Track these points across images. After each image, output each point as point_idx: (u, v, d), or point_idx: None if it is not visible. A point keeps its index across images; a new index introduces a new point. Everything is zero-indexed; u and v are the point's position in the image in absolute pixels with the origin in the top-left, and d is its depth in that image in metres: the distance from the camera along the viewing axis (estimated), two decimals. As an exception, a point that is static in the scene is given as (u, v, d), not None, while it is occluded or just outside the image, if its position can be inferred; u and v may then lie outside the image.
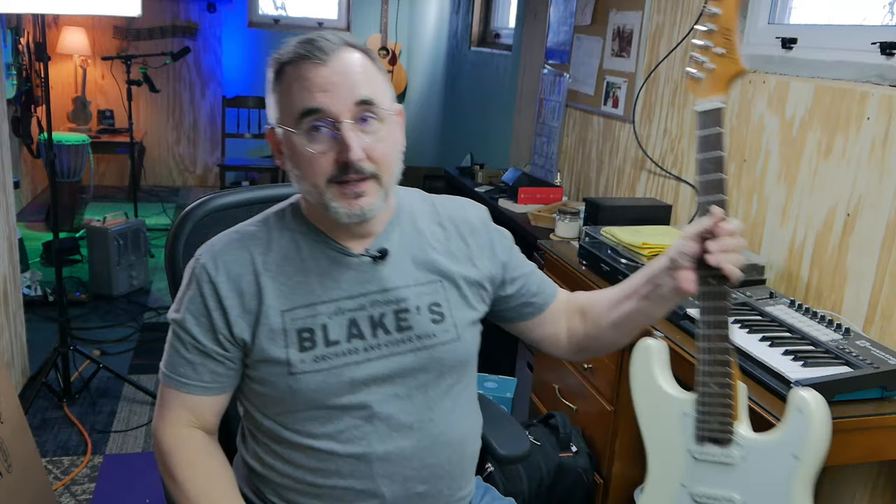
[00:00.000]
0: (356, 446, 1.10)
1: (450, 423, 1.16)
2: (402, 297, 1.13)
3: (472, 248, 1.21)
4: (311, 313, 1.10)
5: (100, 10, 2.51)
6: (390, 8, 6.42)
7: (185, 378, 1.11)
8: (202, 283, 1.10)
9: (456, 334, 1.15)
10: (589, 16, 3.10)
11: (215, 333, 1.10)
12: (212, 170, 6.42)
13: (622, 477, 1.93)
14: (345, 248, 1.13)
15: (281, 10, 6.56)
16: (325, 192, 1.06)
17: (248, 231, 1.15)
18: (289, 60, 1.06)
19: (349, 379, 1.09)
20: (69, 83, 5.87)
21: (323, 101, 1.03)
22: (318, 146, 1.04)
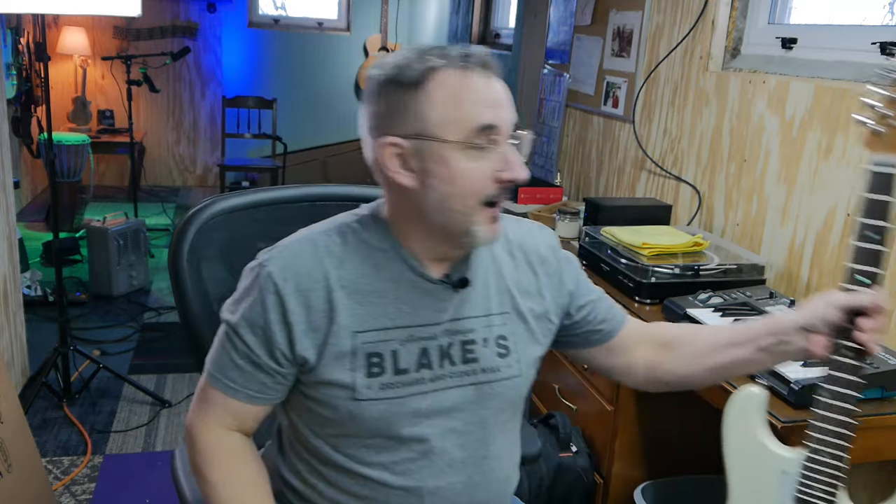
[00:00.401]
0: (409, 479, 1.06)
1: (501, 461, 1.13)
2: (470, 328, 1.08)
3: (541, 278, 1.15)
4: (382, 338, 1.04)
5: (100, 10, 2.51)
6: (390, 8, 6.42)
7: (233, 382, 1.06)
8: (266, 293, 1.02)
9: (519, 370, 1.11)
10: (589, 16, 3.10)
11: (272, 348, 1.03)
12: (212, 170, 6.42)
13: (622, 477, 1.93)
14: (426, 271, 1.06)
15: (281, 10, 6.56)
16: (473, 213, 0.99)
17: (322, 241, 1.06)
18: (436, 66, 0.98)
19: (413, 409, 1.04)
20: (69, 83, 5.87)
21: (498, 116, 0.98)
22: (482, 163, 0.98)
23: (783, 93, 1.97)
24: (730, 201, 2.18)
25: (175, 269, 1.30)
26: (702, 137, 2.33)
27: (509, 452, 1.16)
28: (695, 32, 2.36)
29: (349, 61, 6.57)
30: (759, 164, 2.06)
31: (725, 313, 1.64)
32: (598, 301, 1.21)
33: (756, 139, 2.08)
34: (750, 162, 2.10)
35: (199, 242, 1.30)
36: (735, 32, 2.27)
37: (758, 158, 2.07)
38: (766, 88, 2.04)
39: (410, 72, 0.99)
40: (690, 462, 1.96)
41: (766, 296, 1.75)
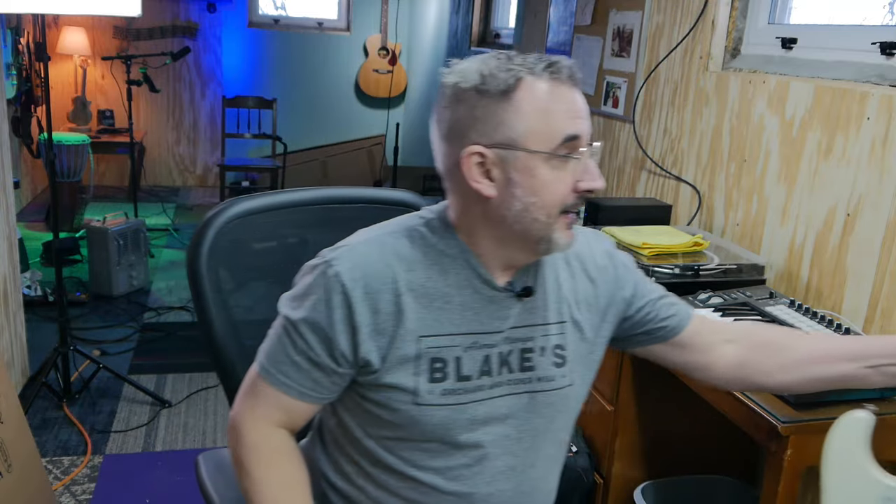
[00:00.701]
0: (461, 485, 1.06)
1: (548, 471, 1.14)
2: (529, 337, 1.08)
3: (599, 287, 1.15)
4: (447, 343, 1.03)
5: (100, 10, 2.51)
6: (390, 8, 6.42)
7: (286, 378, 1.04)
8: (332, 293, 1.00)
9: (572, 380, 1.11)
10: (589, 16, 3.10)
11: (333, 349, 1.01)
12: (212, 170, 6.42)
13: (622, 477, 1.93)
14: (492, 279, 1.06)
15: (281, 10, 6.56)
16: (554, 221, 1.00)
17: (390, 243, 1.04)
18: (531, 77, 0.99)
19: (471, 416, 1.05)
20: (69, 83, 5.87)
21: (582, 128, 0.99)
22: (564, 173, 0.99)
23: (783, 93, 1.97)
24: (730, 201, 2.18)
25: (194, 272, 1.29)
26: (702, 137, 2.33)
27: (555, 464, 1.16)
28: (695, 32, 2.36)
29: (349, 61, 6.57)
30: (759, 164, 2.06)
31: (725, 313, 1.64)
32: (659, 300, 1.19)
33: (756, 139, 2.08)
34: (750, 162, 2.10)
35: (218, 245, 1.30)
36: (735, 32, 2.27)
37: (758, 158, 2.07)
38: (766, 88, 2.04)
39: (497, 81, 0.98)
40: (690, 462, 1.97)
41: (766, 296, 1.75)
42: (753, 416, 1.36)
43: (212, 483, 1.27)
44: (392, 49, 6.49)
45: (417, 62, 6.60)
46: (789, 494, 1.33)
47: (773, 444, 1.32)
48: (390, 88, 6.57)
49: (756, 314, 1.65)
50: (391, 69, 6.52)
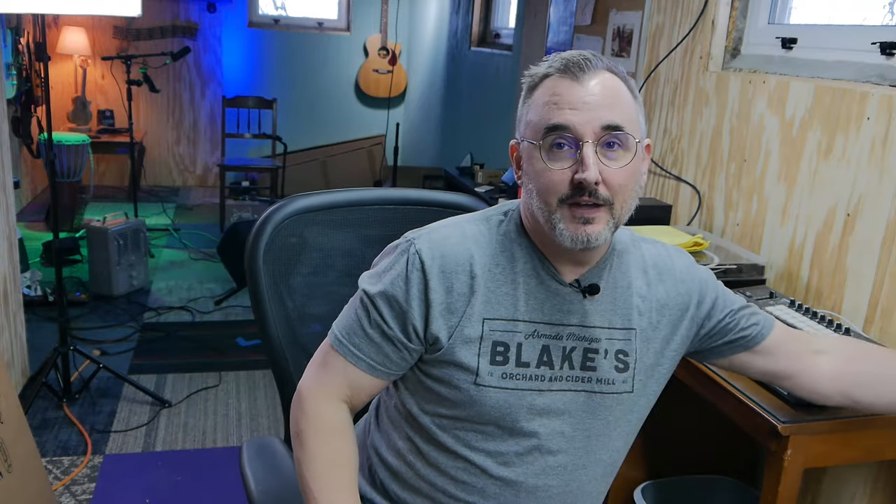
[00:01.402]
0: (510, 472, 1.08)
1: (598, 475, 1.14)
2: (595, 337, 1.10)
3: (674, 299, 1.15)
4: (510, 328, 1.07)
5: (100, 10, 2.51)
6: (390, 8, 6.42)
7: (357, 350, 1.08)
8: (412, 269, 1.05)
9: (632, 387, 1.12)
10: (589, 16, 3.10)
11: (406, 323, 1.06)
12: (212, 170, 6.43)
13: (622, 477, 1.93)
14: (557, 273, 1.08)
15: (281, 10, 6.56)
16: (555, 211, 1.02)
17: (470, 228, 1.10)
18: (545, 74, 1.04)
19: (529, 404, 1.07)
20: (69, 83, 5.87)
21: (571, 118, 1.00)
22: (557, 163, 1.01)
23: (783, 93, 1.97)
24: (730, 201, 2.18)
25: (252, 269, 1.33)
26: (702, 137, 2.33)
27: (608, 469, 1.16)
28: (695, 32, 2.36)
29: (349, 61, 6.57)
30: (759, 164, 2.06)
31: (725, 313, 1.64)
32: (740, 310, 1.18)
33: (756, 139, 2.08)
34: (750, 162, 2.10)
35: (276, 242, 1.34)
36: (735, 32, 2.27)
37: (758, 158, 2.07)
38: (766, 88, 2.04)
39: (530, 79, 1.07)
40: (690, 462, 1.97)
41: (766, 296, 1.75)
42: (753, 416, 1.36)
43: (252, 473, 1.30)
44: (392, 49, 6.50)
45: (417, 62, 6.61)
46: (789, 494, 1.34)
47: (773, 444, 1.32)
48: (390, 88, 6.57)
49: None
50: (391, 69, 6.52)
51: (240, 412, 2.84)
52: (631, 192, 1.05)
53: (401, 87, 6.66)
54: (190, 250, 4.73)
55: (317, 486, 1.08)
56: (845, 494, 1.74)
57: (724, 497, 1.91)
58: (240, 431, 2.72)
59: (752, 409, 1.36)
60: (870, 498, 1.68)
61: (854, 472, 1.71)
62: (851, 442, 1.37)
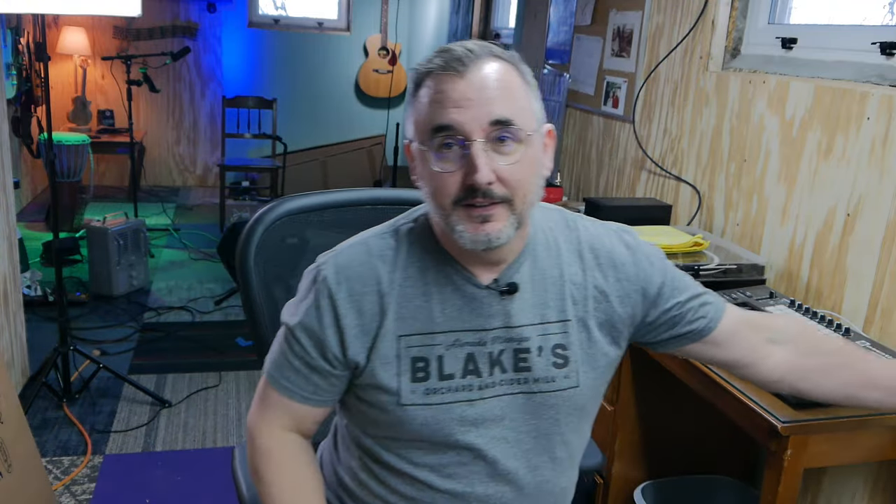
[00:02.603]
0: (456, 483, 1.05)
1: (555, 472, 1.11)
2: (524, 336, 1.05)
3: (614, 283, 1.09)
4: (428, 342, 1.03)
5: (100, 10, 2.51)
6: (390, 8, 6.42)
7: (289, 383, 1.07)
8: (321, 297, 1.03)
9: (577, 381, 1.07)
10: (589, 16, 3.10)
11: (325, 351, 1.04)
12: (212, 170, 6.42)
13: (622, 477, 1.93)
14: (472, 276, 1.04)
15: (281, 10, 6.56)
16: (451, 213, 0.97)
17: (376, 245, 1.06)
18: (427, 72, 0.99)
19: (459, 416, 1.03)
20: (69, 83, 5.87)
21: (455, 117, 0.95)
22: (447, 165, 0.96)
23: (783, 93, 1.97)
24: (730, 201, 2.18)
25: (244, 270, 1.33)
26: (702, 137, 2.33)
27: (569, 466, 1.13)
28: (695, 32, 2.36)
29: (349, 61, 6.57)
30: (759, 164, 2.06)
31: (725, 313, 1.64)
32: (687, 302, 1.12)
33: (756, 139, 2.08)
34: (750, 162, 2.10)
35: (266, 243, 1.33)
36: (735, 32, 2.27)
37: (758, 158, 2.07)
38: (766, 88, 2.04)
39: (414, 75, 1.02)
40: (690, 462, 1.97)
41: (766, 296, 1.75)
42: (753, 416, 1.36)
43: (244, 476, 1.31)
44: (392, 49, 6.49)
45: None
46: (789, 494, 1.34)
47: (773, 444, 1.32)
48: (390, 88, 6.57)
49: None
50: (391, 69, 6.52)
51: (240, 412, 2.84)
52: (530, 184, 0.99)
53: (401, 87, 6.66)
54: (190, 250, 4.73)
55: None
56: (845, 494, 1.74)
57: (724, 497, 1.91)
58: (240, 431, 2.72)
59: (752, 409, 1.36)
60: (870, 498, 1.68)
61: (854, 472, 1.71)
62: (851, 442, 1.37)
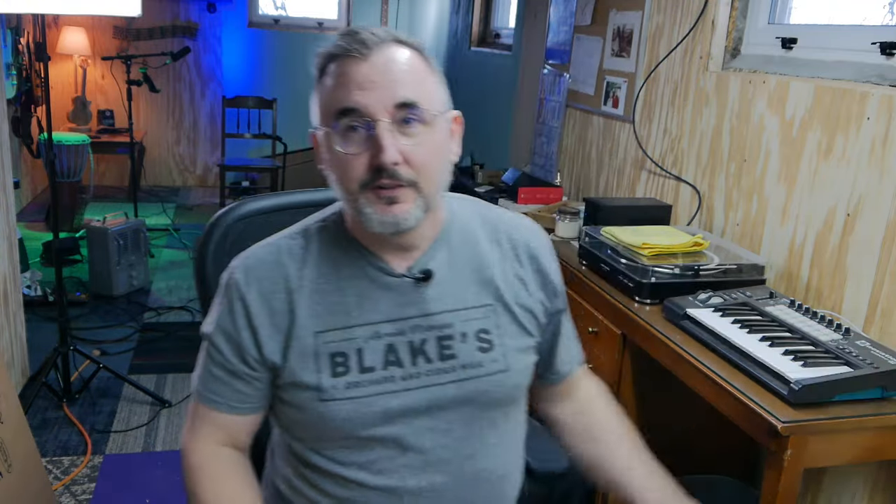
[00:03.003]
0: (387, 479, 1.03)
1: (491, 459, 1.09)
2: (446, 323, 1.05)
3: (527, 268, 1.12)
4: (346, 336, 1.02)
5: (100, 10, 2.51)
6: (390, 8, 6.42)
7: (215, 395, 1.06)
8: (233, 300, 1.04)
9: (505, 364, 1.06)
10: (589, 16, 3.10)
11: (243, 353, 1.04)
12: (212, 170, 6.42)
13: (622, 477, 1.93)
14: (386, 265, 1.04)
15: (281, 10, 6.56)
16: (358, 197, 0.98)
17: (285, 244, 1.07)
18: (330, 55, 0.99)
19: (382, 409, 1.01)
20: (69, 83, 5.87)
21: (360, 99, 0.95)
22: (353, 147, 0.97)
23: (783, 93, 1.97)
24: (730, 201, 2.18)
25: (201, 273, 1.31)
26: (702, 137, 2.33)
27: (504, 451, 1.12)
28: (695, 32, 2.36)
29: (349, 61, 6.57)
30: (759, 164, 2.06)
31: (725, 313, 1.64)
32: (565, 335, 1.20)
33: (756, 139, 2.08)
34: (750, 162, 2.10)
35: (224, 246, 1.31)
36: (735, 32, 2.27)
37: (758, 158, 2.07)
38: (766, 88, 2.04)
39: (318, 61, 1.01)
40: (690, 462, 1.97)
41: (766, 296, 1.75)
42: (753, 416, 1.36)
43: None
44: (392, 49, 6.49)
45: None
46: (789, 494, 1.34)
47: (773, 444, 1.32)
48: (390, 88, 6.57)
49: (756, 314, 1.65)
50: (391, 69, 6.52)
51: (240, 412, 2.84)
52: (437, 167, 1.00)
53: (401, 87, 6.66)
54: (190, 250, 4.73)
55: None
56: (845, 494, 1.74)
57: (724, 497, 1.91)
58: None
59: (752, 409, 1.36)
60: (870, 498, 1.68)
61: (854, 472, 1.71)
62: (851, 442, 1.37)
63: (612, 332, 1.86)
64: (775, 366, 1.40)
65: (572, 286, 2.09)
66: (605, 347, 1.90)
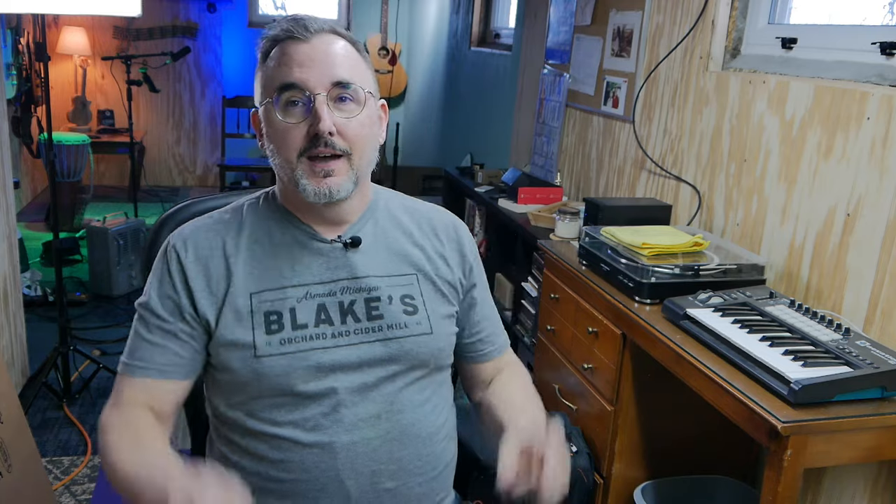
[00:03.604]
0: (321, 435, 1.08)
1: (419, 416, 1.14)
2: (373, 286, 1.13)
3: (446, 246, 1.23)
4: (279, 296, 1.09)
5: (100, 10, 2.51)
6: (390, 8, 6.42)
7: (143, 361, 1.09)
8: (170, 262, 1.11)
9: (429, 327, 1.15)
10: (589, 16, 3.10)
11: (181, 311, 1.09)
12: (212, 170, 6.42)
13: (622, 477, 1.93)
14: (317, 234, 1.14)
15: (281, 10, 6.56)
16: (296, 167, 1.07)
17: (221, 216, 1.17)
18: (274, 38, 1.09)
19: (315, 363, 1.07)
20: (69, 83, 5.87)
21: (300, 76, 1.05)
22: (292, 119, 1.06)
23: (783, 93, 1.97)
24: (730, 201, 2.18)
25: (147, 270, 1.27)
26: (702, 137, 2.33)
27: (431, 411, 1.16)
28: (695, 32, 2.36)
29: (349, 61, 6.57)
30: (759, 164, 2.06)
31: (725, 313, 1.64)
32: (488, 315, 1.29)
33: (756, 139, 2.08)
34: (750, 162, 2.10)
35: None
36: (735, 32, 2.27)
37: (758, 158, 2.07)
38: (766, 88, 2.04)
39: (261, 45, 1.12)
40: (690, 462, 1.97)
41: (766, 296, 1.75)
42: (753, 416, 1.36)
43: None
44: (392, 49, 6.49)
45: (417, 62, 6.60)
46: (789, 494, 1.34)
47: (773, 444, 1.32)
48: (390, 88, 6.57)
49: (756, 314, 1.65)
50: (391, 69, 6.51)
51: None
52: (368, 143, 1.10)
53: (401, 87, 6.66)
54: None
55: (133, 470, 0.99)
56: (845, 494, 1.74)
57: (724, 497, 1.91)
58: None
59: (752, 409, 1.36)
60: (870, 498, 1.68)
61: (854, 472, 1.71)
62: (851, 442, 1.37)
63: (612, 332, 1.86)
64: (775, 366, 1.40)
65: (572, 286, 2.09)
66: (605, 347, 1.90)
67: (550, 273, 2.25)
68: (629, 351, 1.83)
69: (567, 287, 2.10)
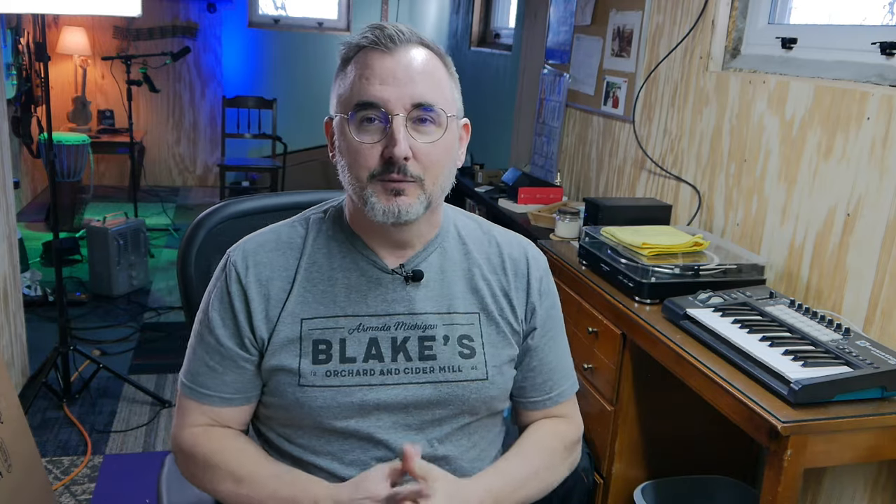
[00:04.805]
0: (357, 471, 1.04)
1: (463, 463, 1.10)
2: (430, 324, 1.07)
3: (512, 284, 1.14)
4: (330, 325, 1.05)
5: (100, 10, 2.50)
6: (390, 8, 6.43)
7: (205, 389, 1.07)
8: (230, 283, 1.06)
9: (485, 373, 1.08)
10: (589, 16, 3.10)
11: (241, 336, 1.05)
12: (212, 170, 6.42)
13: (622, 477, 1.93)
14: (379, 260, 1.07)
15: (281, 10, 6.56)
16: (366, 186, 1.00)
17: (284, 233, 1.11)
18: (357, 46, 1.02)
19: (359, 401, 1.03)
20: (69, 83, 5.87)
21: (380, 94, 0.98)
22: (367, 137, 1.00)
23: (783, 93, 1.97)
24: (730, 201, 2.18)
25: (184, 274, 1.30)
26: (702, 137, 2.33)
27: (478, 455, 1.12)
28: (695, 32, 2.36)
29: (349, 61, 6.57)
30: (759, 164, 2.06)
31: (725, 313, 1.64)
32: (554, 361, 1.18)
33: (756, 139, 2.08)
34: (750, 162, 2.10)
35: (207, 247, 1.30)
36: (735, 32, 2.27)
37: (758, 158, 2.07)
38: (766, 88, 2.04)
39: (343, 51, 1.04)
40: (690, 462, 1.97)
41: (766, 296, 1.75)
42: (753, 416, 1.36)
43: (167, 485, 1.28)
44: (392, 49, 6.50)
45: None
46: (789, 494, 1.33)
47: (773, 444, 1.32)
48: (390, 88, 6.57)
49: (756, 314, 1.65)
50: (391, 69, 6.52)
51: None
52: (444, 168, 1.03)
53: (401, 87, 6.66)
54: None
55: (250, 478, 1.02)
56: (845, 494, 1.74)
57: (724, 497, 1.91)
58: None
59: (752, 409, 1.36)
60: (870, 498, 1.68)
61: (854, 472, 1.71)
62: (851, 442, 1.37)
63: (612, 332, 1.86)
64: (775, 366, 1.40)
65: (572, 286, 2.09)
66: (605, 347, 1.90)
67: (550, 273, 2.25)
68: (629, 351, 1.83)
69: (567, 287, 2.10)
